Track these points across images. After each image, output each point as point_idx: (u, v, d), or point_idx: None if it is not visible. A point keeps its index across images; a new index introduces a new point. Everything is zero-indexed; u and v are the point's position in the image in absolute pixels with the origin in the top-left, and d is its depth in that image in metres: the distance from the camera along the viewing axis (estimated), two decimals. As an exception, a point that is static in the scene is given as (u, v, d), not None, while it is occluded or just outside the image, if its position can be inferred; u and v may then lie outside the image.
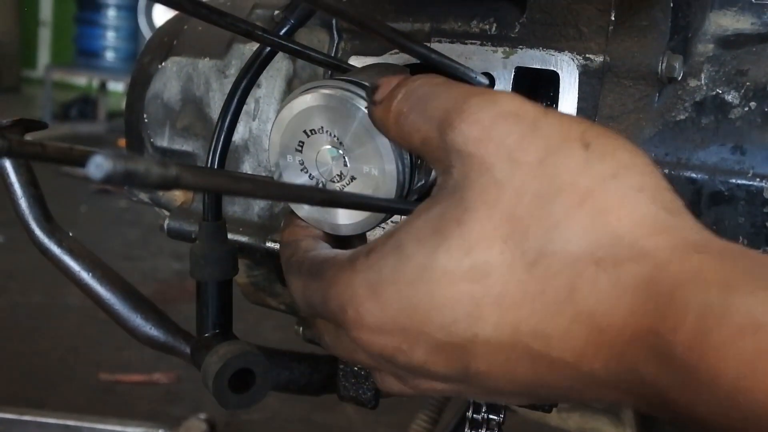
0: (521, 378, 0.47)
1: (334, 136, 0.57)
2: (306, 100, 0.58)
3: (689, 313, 0.40)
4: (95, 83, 8.67)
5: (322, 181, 0.59)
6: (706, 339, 0.39)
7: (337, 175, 0.58)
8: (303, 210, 0.60)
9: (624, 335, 0.42)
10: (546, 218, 0.44)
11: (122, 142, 1.04)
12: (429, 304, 0.47)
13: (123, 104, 1.02)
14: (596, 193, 0.44)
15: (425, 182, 0.61)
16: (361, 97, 0.56)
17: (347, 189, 0.58)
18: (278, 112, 0.60)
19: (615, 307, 0.42)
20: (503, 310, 0.45)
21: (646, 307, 0.41)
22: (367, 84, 0.57)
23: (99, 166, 0.30)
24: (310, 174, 0.59)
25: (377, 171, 0.57)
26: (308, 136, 0.58)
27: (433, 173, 0.61)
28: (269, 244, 0.83)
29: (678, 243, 0.43)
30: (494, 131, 0.46)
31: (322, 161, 0.58)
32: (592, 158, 0.45)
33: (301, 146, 0.59)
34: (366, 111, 0.55)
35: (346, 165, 0.58)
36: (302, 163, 0.59)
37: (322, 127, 0.58)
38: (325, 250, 0.58)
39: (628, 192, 0.45)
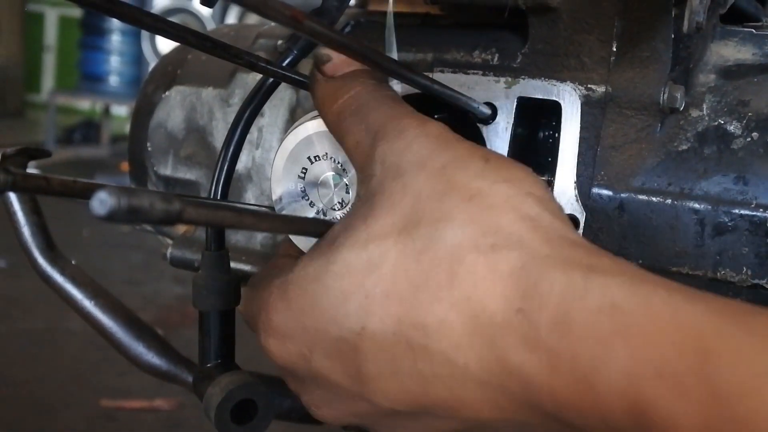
0: (407, 382, 0.46)
1: (338, 162, 0.58)
2: (312, 127, 0.58)
3: (553, 294, 0.41)
4: (99, 107, 8.71)
5: (322, 209, 0.59)
6: (567, 319, 0.40)
7: (339, 202, 0.58)
8: (302, 240, 0.60)
9: (496, 319, 0.43)
10: (436, 211, 0.46)
11: (125, 166, 1.04)
12: (326, 299, 0.47)
13: (126, 128, 1.03)
14: (485, 192, 0.46)
15: None
16: None
17: None
18: (284, 137, 0.60)
19: (490, 292, 0.43)
20: (389, 301, 0.45)
21: (517, 291, 0.42)
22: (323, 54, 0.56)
23: (102, 202, 0.30)
24: (311, 202, 0.59)
25: None
26: (312, 163, 0.59)
27: None
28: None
29: (555, 237, 0.45)
30: (415, 145, 0.49)
31: (324, 188, 0.59)
32: (489, 168, 0.48)
33: (304, 173, 0.59)
34: None
35: (347, 192, 0.58)
36: (304, 191, 0.59)
37: (326, 154, 0.58)
38: None
39: (515, 194, 0.47)
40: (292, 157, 0.59)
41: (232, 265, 0.73)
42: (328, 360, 0.48)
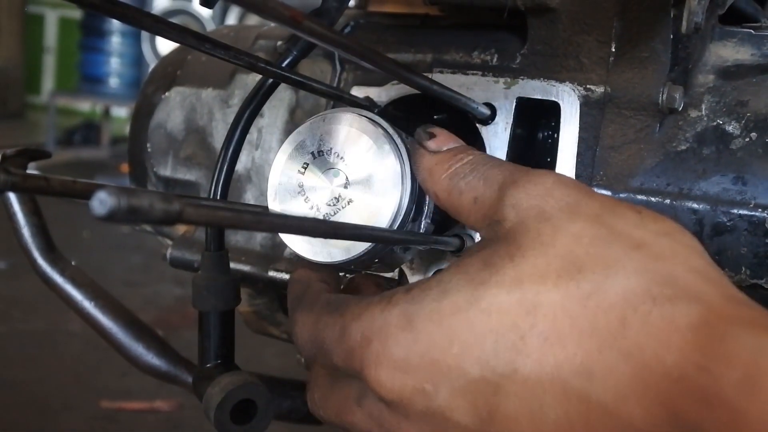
0: (550, 428, 0.44)
1: (341, 157, 0.58)
2: (322, 122, 0.59)
3: (742, 355, 0.39)
4: (99, 109, 8.72)
5: (317, 205, 0.59)
6: (758, 381, 0.38)
7: (335, 198, 0.58)
8: (301, 241, 0.60)
9: (672, 375, 0.41)
10: (602, 258, 0.45)
11: (125, 167, 1.04)
12: (470, 336, 0.45)
13: (126, 130, 1.02)
14: (650, 243, 0.45)
15: (422, 220, 0.61)
16: (379, 123, 0.58)
17: (343, 212, 0.58)
18: (292, 132, 0.61)
19: (666, 345, 0.41)
20: (549, 345, 0.43)
21: (697, 346, 0.40)
22: (417, 134, 0.59)
23: (102, 202, 0.30)
24: (307, 197, 0.59)
25: (379, 196, 0.57)
26: (314, 158, 0.59)
27: (427, 214, 0.61)
28: (271, 273, 0.83)
29: (729, 294, 0.44)
30: (555, 191, 0.49)
31: (323, 183, 0.59)
32: (645, 219, 0.47)
33: (305, 167, 0.59)
34: (380, 132, 0.57)
35: (346, 187, 0.58)
36: (301, 186, 0.60)
37: (331, 149, 0.58)
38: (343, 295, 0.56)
39: (679, 247, 0.46)
40: (295, 153, 0.60)
41: (232, 265, 0.73)
42: (455, 399, 0.46)
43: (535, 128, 0.76)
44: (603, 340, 0.42)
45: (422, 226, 0.61)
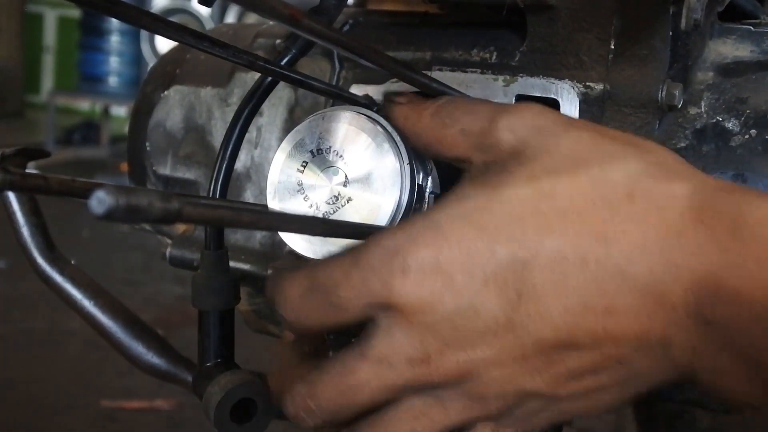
0: (569, 300, 0.48)
1: (341, 156, 0.58)
2: (321, 121, 0.59)
3: (729, 208, 0.47)
4: (98, 108, 8.72)
5: (316, 204, 0.59)
6: (741, 229, 0.46)
7: (334, 196, 0.58)
8: (300, 240, 0.60)
9: (672, 229, 0.47)
10: (603, 151, 0.51)
11: (124, 166, 1.04)
12: (497, 224, 0.48)
13: (126, 129, 1.02)
14: (640, 142, 0.53)
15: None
16: (378, 121, 0.58)
17: (342, 210, 0.58)
18: (293, 130, 0.61)
19: (668, 208, 0.48)
20: (569, 219, 0.48)
21: (693, 208, 0.48)
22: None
23: (101, 201, 0.30)
24: (306, 195, 0.59)
25: (378, 194, 0.57)
26: (314, 156, 0.59)
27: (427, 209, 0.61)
28: (271, 272, 0.83)
29: (707, 176, 0.52)
30: (547, 112, 0.54)
31: (322, 181, 0.59)
32: (629, 134, 0.55)
33: (304, 165, 0.59)
34: (379, 130, 0.57)
35: (345, 186, 0.58)
36: (300, 184, 0.60)
37: (330, 147, 0.58)
38: None
39: (663, 148, 0.53)
40: (294, 151, 0.60)
41: (232, 264, 0.73)
42: (486, 285, 0.48)
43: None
44: (614, 208, 0.48)
45: None
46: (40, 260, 0.81)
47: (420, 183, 0.59)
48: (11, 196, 0.80)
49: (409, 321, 0.49)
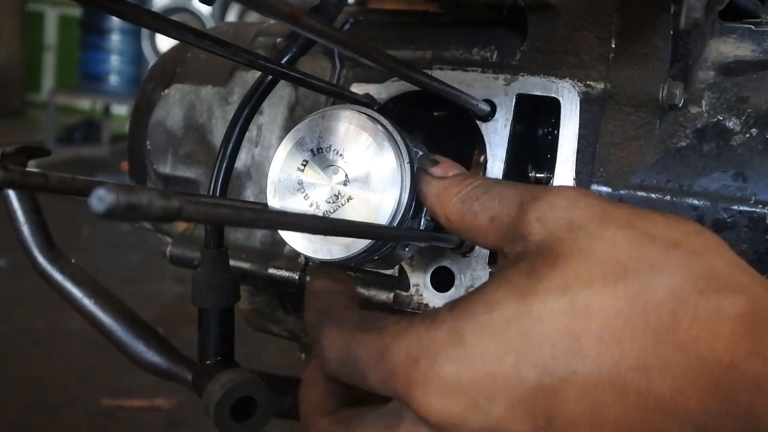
0: (609, 428, 0.44)
1: (340, 155, 0.58)
2: (321, 119, 0.59)
3: None
4: (99, 107, 8.71)
5: (317, 202, 0.59)
6: None
7: (334, 195, 0.58)
8: (300, 238, 0.60)
9: (723, 362, 0.42)
10: (643, 258, 0.46)
11: (125, 165, 1.04)
12: (524, 344, 0.45)
13: (126, 127, 1.02)
14: (685, 242, 0.47)
15: (422, 216, 0.61)
16: (378, 120, 0.58)
17: (343, 209, 0.58)
18: (293, 129, 0.60)
19: (717, 335, 0.43)
20: (604, 344, 0.44)
21: (747, 334, 0.42)
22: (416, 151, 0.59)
23: (101, 199, 0.30)
24: (306, 194, 0.59)
25: (378, 193, 0.57)
26: (314, 155, 0.59)
27: (427, 211, 0.60)
28: (271, 271, 0.83)
29: (766, 284, 0.45)
30: (580, 202, 0.49)
31: (322, 180, 0.59)
32: (672, 221, 0.48)
33: (305, 164, 0.59)
34: (379, 129, 0.56)
35: (346, 185, 0.58)
36: (301, 183, 0.59)
37: (330, 146, 0.58)
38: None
39: (711, 243, 0.47)
40: (294, 150, 0.60)
41: (232, 262, 0.73)
42: (512, 410, 0.45)
43: (535, 125, 0.76)
44: (656, 334, 0.44)
45: (422, 223, 0.61)
46: (40, 259, 0.81)
47: None
48: (12, 195, 0.80)
49: (435, 430, 0.48)
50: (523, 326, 0.45)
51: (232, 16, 6.71)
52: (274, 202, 0.60)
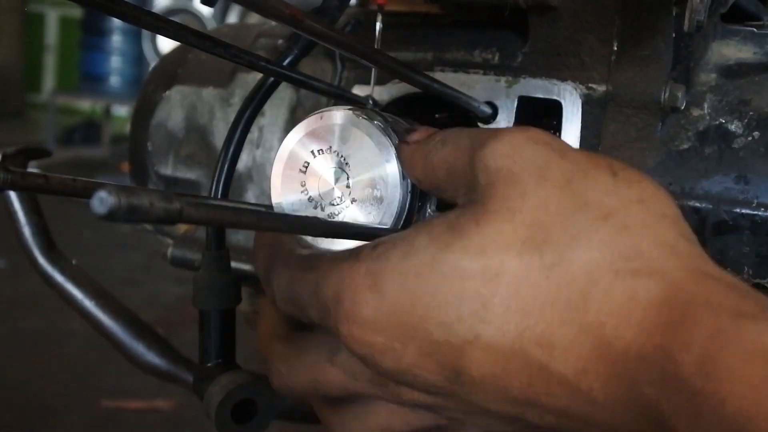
0: (514, 392, 0.45)
1: (342, 156, 0.58)
2: (321, 120, 0.58)
3: (700, 335, 0.39)
4: (99, 108, 8.72)
5: (321, 204, 0.59)
6: (715, 362, 0.38)
7: (338, 197, 0.58)
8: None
9: (630, 352, 0.41)
10: (568, 227, 0.44)
11: (125, 166, 1.04)
12: (432, 299, 0.45)
13: (127, 128, 1.02)
14: (620, 212, 0.44)
15: (426, 209, 0.61)
16: (380, 124, 0.58)
17: (346, 211, 0.58)
18: (289, 131, 0.60)
19: (626, 321, 0.41)
20: (511, 313, 0.43)
21: (657, 325, 0.40)
22: (401, 122, 0.58)
23: (102, 200, 0.30)
24: (310, 196, 0.59)
25: (381, 195, 0.57)
26: (314, 157, 0.59)
27: (432, 202, 0.61)
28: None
29: (694, 268, 0.43)
30: (525, 150, 0.47)
31: (325, 182, 0.59)
32: (619, 184, 0.46)
33: (306, 166, 0.59)
34: (381, 131, 0.56)
35: (348, 187, 0.58)
36: (303, 185, 0.59)
37: (330, 147, 0.58)
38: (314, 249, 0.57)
39: (651, 216, 0.45)
40: (295, 151, 0.59)
41: (233, 264, 0.73)
42: (423, 358, 0.46)
43: (537, 127, 0.76)
44: (564, 313, 0.43)
45: (427, 215, 0.61)
46: (41, 260, 0.81)
47: None
48: (13, 196, 0.80)
49: (362, 360, 0.49)
50: (433, 282, 0.45)
51: (233, 18, 6.71)
52: (276, 204, 0.60)
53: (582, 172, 0.46)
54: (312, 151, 0.59)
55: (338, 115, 0.59)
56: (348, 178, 0.58)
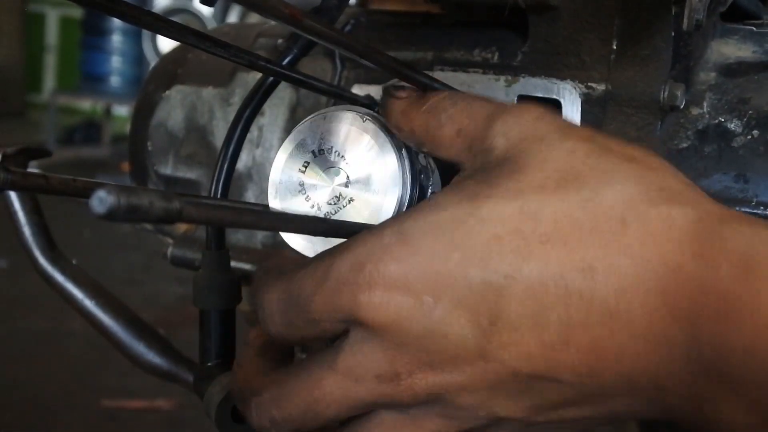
0: (548, 334, 0.44)
1: (341, 156, 0.58)
2: (321, 120, 0.59)
3: (737, 243, 0.41)
4: (100, 107, 8.72)
5: (318, 204, 0.59)
6: (752, 268, 0.40)
7: (336, 197, 0.58)
8: (299, 240, 0.60)
9: (669, 265, 0.42)
10: (599, 167, 0.46)
11: (126, 166, 1.04)
12: (472, 243, 0.45)
13: (127, 128, 1.02)
14: (641, 158, 0.47)
15: None
16: (379, 121, 0.58)
17: (344, 210, 0.58)
18: (293, 130, 0.60)
19: (665, 238, 0.43)
20: (551, 245, 0.44)
21: (695, 239, 0.43)
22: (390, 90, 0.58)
23: (102, 200, 0.30)
24: (308, 196, 0.59)
25: (380, 195, 0.57)
26: (315, 157, 0.59)
27: None
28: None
29: (717, 203, 0.46)
30: (547, 116, 0.50)
31: (324, 182, 0.59)
32: (632, 144, 0.49)
33: (306, 166, 0.59)
34: (380, 131, 0.56)
35: (347, 186, 0.58)
36: (302, 185, 0.59)
37: (330, 148, 0.58)
38: None
39: (668, 164, 0.48)
40: (295, 151, 0.60)
41: (233, 264, 0.73)
42: (456, 310, 0.44)
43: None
44: (604, 237, 0.44)
45: None
46: (41, 260, 0.81)
47: (422, 183, 0.59)
48: (13, 196, 0.80)
49: (379, 337, 0.46)
50: (471, 225, 0.45)
51: (233, 18, 6.71)
52: (275, 203, 0.60)
53: (600, 132, 0.49)
54: (312, 151, 0.59)
55: (338, 114, 0.59)
56: (347, 177, 0.58)
